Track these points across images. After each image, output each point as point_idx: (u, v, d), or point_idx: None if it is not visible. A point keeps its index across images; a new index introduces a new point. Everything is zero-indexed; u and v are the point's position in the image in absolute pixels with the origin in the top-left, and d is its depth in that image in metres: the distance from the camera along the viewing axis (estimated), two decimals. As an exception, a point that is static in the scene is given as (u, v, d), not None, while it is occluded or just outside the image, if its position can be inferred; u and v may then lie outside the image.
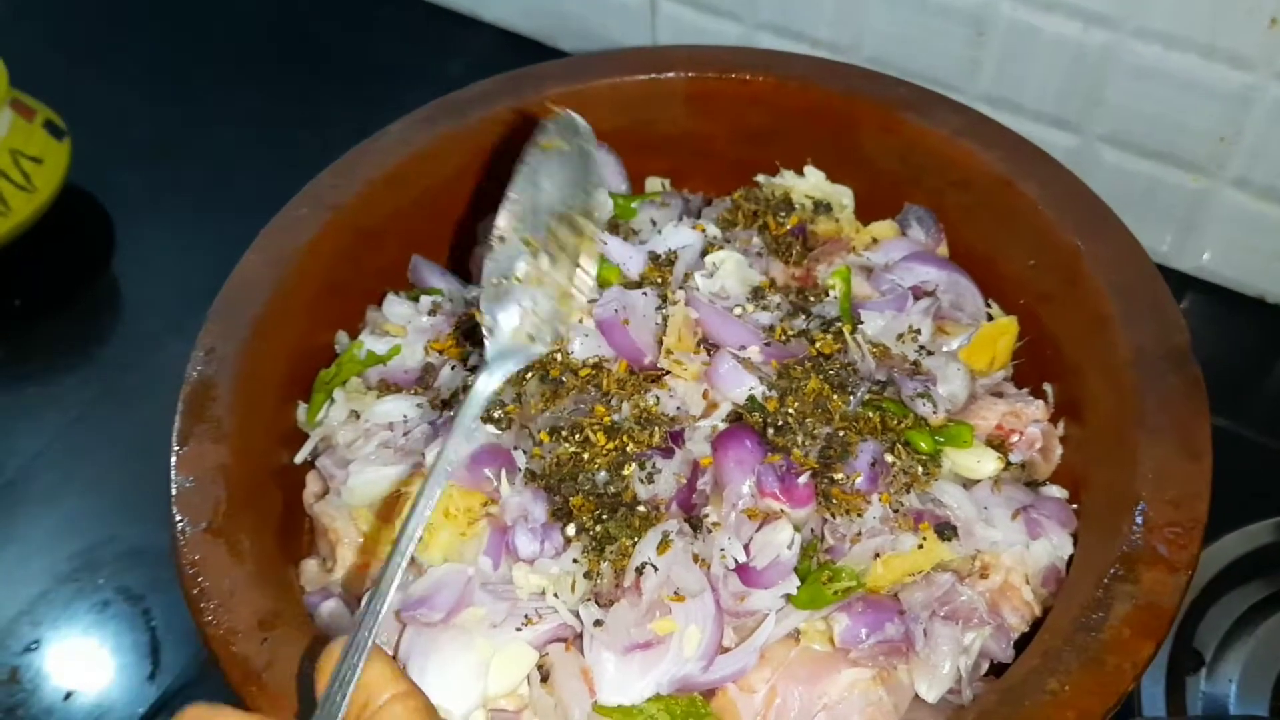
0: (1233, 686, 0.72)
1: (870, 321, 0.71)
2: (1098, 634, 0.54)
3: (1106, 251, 0.68)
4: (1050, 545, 0.63)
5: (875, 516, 0.62)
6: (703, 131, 0.84)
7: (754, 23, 1.04)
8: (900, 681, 0.60)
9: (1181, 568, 0.56)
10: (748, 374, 0.66)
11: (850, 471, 0.63)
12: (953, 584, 0.61)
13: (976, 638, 0.61)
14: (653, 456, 0.63)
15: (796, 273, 0.76)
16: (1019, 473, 0.69)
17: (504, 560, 0.62)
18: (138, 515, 0.87)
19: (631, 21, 1.11)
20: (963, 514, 0.64)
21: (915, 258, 0.76)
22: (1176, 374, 0.63)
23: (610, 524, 0.61)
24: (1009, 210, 0.73)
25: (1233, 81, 0.85)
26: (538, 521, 0.62)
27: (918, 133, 0.77)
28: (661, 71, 0.83)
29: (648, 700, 0.59)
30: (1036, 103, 0.95)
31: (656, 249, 0.75)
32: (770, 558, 0.60)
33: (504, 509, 0.63)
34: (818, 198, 0.81)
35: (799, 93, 0.81)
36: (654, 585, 0.59)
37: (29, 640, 0.82)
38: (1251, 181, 0.90)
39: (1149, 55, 0.87)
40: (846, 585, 0.61)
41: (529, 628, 0.61)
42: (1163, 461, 0.59)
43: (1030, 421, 0.68)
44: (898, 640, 0.60)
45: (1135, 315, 0.65)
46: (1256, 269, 0.95)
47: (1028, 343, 0.74)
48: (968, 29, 0.93)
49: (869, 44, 0.99)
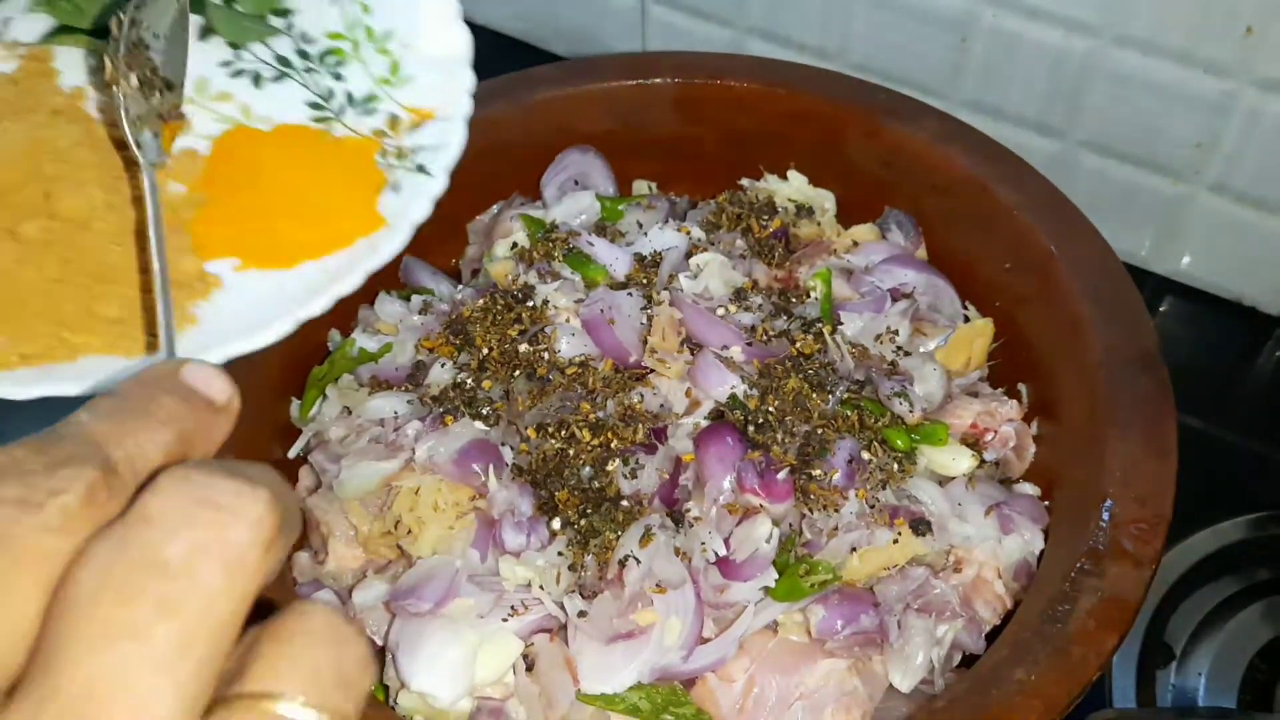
0: (1202, 680, 0.74)
1: (850, 322, 0.73)
2: (1064, 626, 0.56)
3: (1080, 256, 0.70)
4: (1022, 540, 0.65)
5: (852, 512, 0.64)
6: (690, 135, 0.85)
7: (743, 27, 1.05)
8: (875, 672, 0.62)
9: (1146, 562, 0.57)
10: (730, 373, 0.68)
11: (828, 468, 0.64)
12: (926, 578, 0.63)
13: (949, 630, 0.62)
14: (636, 453, 0.65)
15: (779, 274, 0.77)
16: (993, 470, 0.70)
17: (491, 553, 0.64)
18: None
19: (623, 25, 1.12)
20: (937, 510, 0.65)
21: (894, 260, 0.77)
22: (1145, 375, 0.64)
23: (594, 518, 0.63)
24: (986, 215, 0.75)
25: (1210, 88, 0.87)
26: (524, 515, 0.64)
27: (899, 138, 0.79)
28: (650, 77, 0.84)
29: (629, 689, 0.60)
30: (1019, 108, 0.96)
31: (642, 250, 0.76)
32: (749, 551, 0.62)
33: (491, 503, 0.65)
34: (800, 201, 0.82)
35: (784, 99, 0.82)
36: (636, 577, 0.61)
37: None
38: (1229, 186, 0.91)
39: (1129, 62, 0.88)
40: (823, 578, 0.62)
41: (515, 618, 0.62)
42: (1130, 460, 0.61)
43: (1004, 421, 0.70)
44: (872, 632, 0.61)
45: (1107, 318, 0.67)
46: (1234, 272, 0.96)
47: (1003, 344, 0.76)
48: (951, 35, 0.94)
49: (855, 49, 1.00)
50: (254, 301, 0.53)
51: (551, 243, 0.77)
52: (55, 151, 0.54)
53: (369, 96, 0.61)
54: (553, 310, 0.72)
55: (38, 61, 0.60)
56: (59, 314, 0.51)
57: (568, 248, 0.76)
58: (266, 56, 0.62)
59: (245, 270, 0.55)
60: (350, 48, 0.62)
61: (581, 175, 0.84)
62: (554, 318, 0.72)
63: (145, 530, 0.26)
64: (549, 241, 0.77)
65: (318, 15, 0.63)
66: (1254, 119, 0.86)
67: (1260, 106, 0.85)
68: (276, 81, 0.62)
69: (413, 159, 0.59)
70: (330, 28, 0.63)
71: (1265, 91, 0.84)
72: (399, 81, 0.61)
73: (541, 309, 0.72)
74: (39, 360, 0.50)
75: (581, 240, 0.76)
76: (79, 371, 0.49)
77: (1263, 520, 0.81)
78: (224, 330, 0.52)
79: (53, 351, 0.50)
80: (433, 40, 0.62)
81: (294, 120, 0.61)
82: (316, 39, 0.63)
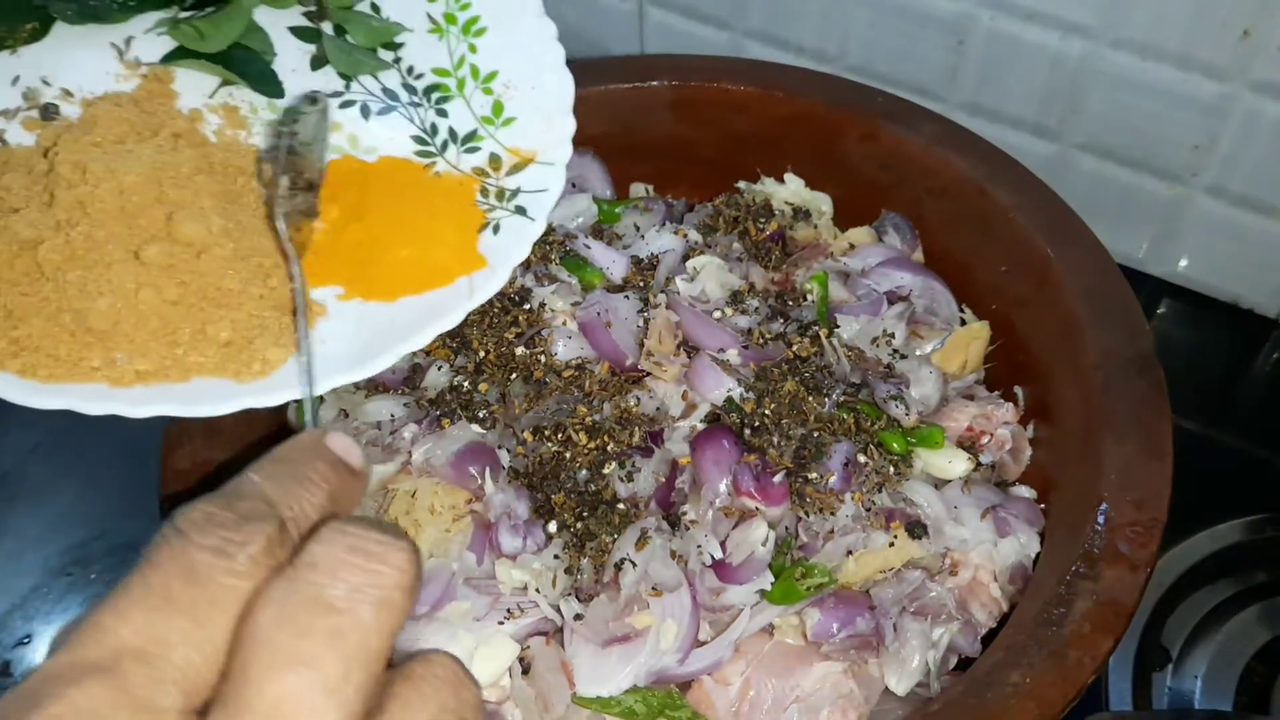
0: (1198, 682, 0.74)
1: (846, 325, 0.73)
2: (1060, 629, 0.56)
3: (1076, 258, 0.70)
4: (1018, 544, 0.65)
5: (848, 515, 0.64)
6: (687, 138, 0.86)
7: (742, 30, 1.05)
8: (870, 675, 0.62)
9: (1141, 565, 0.57)
10: (726, 376, 0.68)
11: (824, 471, 0.64)
12: (923, 581, 0.63)
13: (945, 633, 0.62)
14: (633, 455, 0.65)
15: (775, 277, 0.77)
16: (989, 473, 0.70)
17: (487, 556, 0.64)
18: (130, 511, 0.88)
19: (621, 28, 1.12)
20: (933, 513, 0.65)
21: (891, 263, 0.77)
22: (1141, 377, 0.64)
23: (590, 521, 0.63)
24: (983, 217, 0.75)
25: (1207, 91, 0.87)
26: (520, 518, 0.64)
27: (895, 141, 0.79)
28: (647, 80, 0.84)
29: (625, 692, 0.60)
30: (1016, 111, 0.96)
31: (639, 253, 0.76)
32: (745, 554, 0.62)
33: (488, 506, 0.65)
34: (797, 204, 0.83)
35: (781, 102, 0.83)
36: (632, 580, 0.61)
37: (21, 634, 0.83)
38: (1226, 189, 0.91)
39: (1126, 65, 0.89)
40: (819, 581, 0.62)
41: (511, 621, 0.62)
42: (1126, 462, 0.61)
43: (1000, 424, 0.70)
44: (868, 635, 0.62)
45: (1103, 320, 0.67)
46: (1231, 274, 0.97)
47: (999, 347, 0.76)
48: (949, 38, 0.95)
49: (853, 52, 1.00)
50: (356, 332, 0.55)
51: (548, 245, 0.77)
52: (177, 176, 0.55)
53: (471, 134, 0.62)
54: (549, 313, 0.72)
55: (159, 82, 0.61)
56: (175, 335, 0.53)
57: (565, 250, 0.76)
58: (375, 89, 0.64)
59: (348, 300, 0.56)
60: (455, 85, 0.63)
61: (579, 178, 0.84)
62: (551, 320, 0.72)
63: (312, 574, 0.31)
64: (546, 244, 0.77)
65: (425, 51, 0.64)
66: (1251, 121, 0.86)
67: (1257, 109, 0.85)
68: (383, 114, 0.63)
69: (513, 200, 0.59)
70: (437, 64, 0.64)
71: (1262, 94, 0.85)
72: (501, 122, 0.62)
73: (538, 312, 0.72)
74: (154, 379, 0.52)
75: (578, 243, 0.76)
76: (190, 393, 0.52)
77: (1260, 523, 0.81)
78: (326, 358, 0.53)
79: (167, 371, 0.52)
80: (536, 84, 0.63)
81: (398, 154, 0.62)
82: (423, 74, 0.64)
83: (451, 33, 0.64)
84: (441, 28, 0.64)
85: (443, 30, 0.64)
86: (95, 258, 0.52)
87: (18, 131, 0.59)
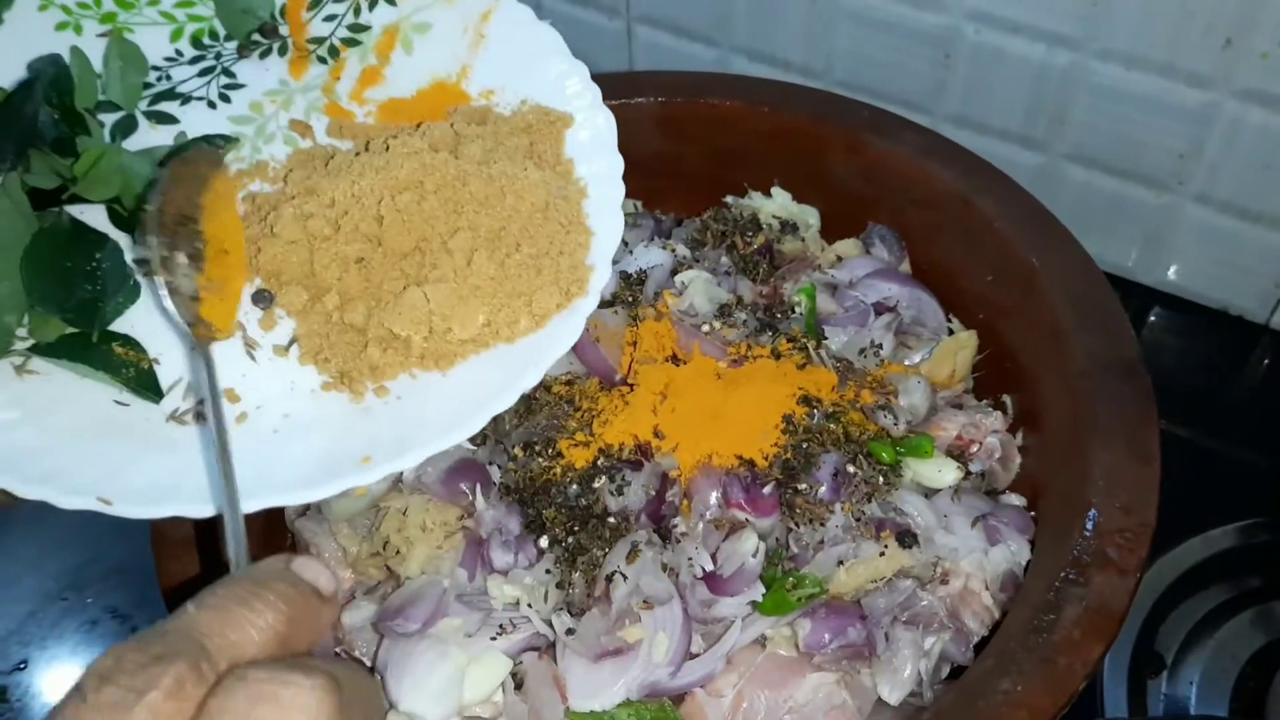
0: (1193, 688, 0.74)
1: (834, 336, 0.73)
2: (1049, 635, 0.55)
3: (1060, 266, 0.70)
4: (1009, 551, 0.65)
5: (838, 525, 0.64)
6: (674, 154, 0.86)
7: (729, 46, 1.06)
8: (863, 684, 0.62)
9: (1130, 570, 0.57)
10: (715, 389, 0.68)
11: (813, 482, 0.64)
12: (914, 590, 0.63)
13: (936, 642, 0.62)
14: (623, 469, 0.65)
15: (763, 290, 0.78)
16: (979, 482, 0.70)
17: (479, 572, 0.64)
18: (124, 534, 0.86)
19: (609, 45, 1.13)
20: (923, 522, 0.65)
21: (878, 275, 0.78)
22: (1127, 383, 0.64)
23: (582, 535, 0.63)
24: (968, 228, 0.75)
25: (1192, 99, 0.87)
26: (512, 534, 0.64)
27: (880, 154, 0.79)
28: (634, 96, 0.85)
29: (618, 705, 0.60)
30: (1003, 122, 0.97)
31: (628, 268, 0.77)
32: (736, 566, 0.62)
33: (479, 522, 0.65)
34: (784, 217, 0.83)
35: (767, 116, 0.83)
36: (624, 594, 0.61)
37: (18, 659, 0.83)
38: (1212, 197, 0.92)
39: (1111, 75, 0.89)
40: (810, 592, 0.62)
41: (503, 637, 0.62)
42: (1113, 468, 0.61)
43: (989, 432, 0.70)
44: (860, 645, 0.61)
45: (1088, 328, 0.67)
46: (1220, 281, 0.97)
47: (987, 356, 0.76)
48: (935, 51, 0.95)
49: (840, 66, 1.01)
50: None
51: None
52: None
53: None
54: (539, 329, 0.72)
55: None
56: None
57: (554, 267, 0.76)
58: None
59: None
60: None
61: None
62: (540, 337, 0.72)
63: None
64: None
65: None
66: (1235, 129, 0.87)
67: (1241, 116, 0.86)
68: None
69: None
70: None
71: (1245, 101, 0.85)
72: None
73: (528, 328, 0.72)
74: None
75: (567, 259, 0.77)
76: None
77: (1252, 528, 0.81)
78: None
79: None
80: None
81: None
82: None
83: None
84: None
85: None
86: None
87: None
